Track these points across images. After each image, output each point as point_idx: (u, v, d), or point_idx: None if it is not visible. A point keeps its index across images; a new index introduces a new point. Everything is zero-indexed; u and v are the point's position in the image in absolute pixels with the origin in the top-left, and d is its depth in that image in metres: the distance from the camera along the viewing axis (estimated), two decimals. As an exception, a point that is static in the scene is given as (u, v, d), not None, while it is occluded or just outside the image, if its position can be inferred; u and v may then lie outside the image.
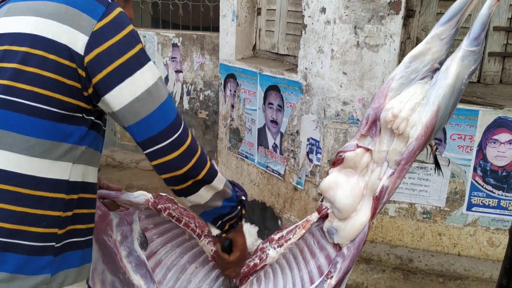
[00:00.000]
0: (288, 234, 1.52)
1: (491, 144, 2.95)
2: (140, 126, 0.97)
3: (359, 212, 1.36)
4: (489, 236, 3.09)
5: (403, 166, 1.30)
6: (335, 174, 1.42)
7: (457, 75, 1.25)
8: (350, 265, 1.34)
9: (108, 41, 0.92)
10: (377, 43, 2.93)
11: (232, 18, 4.00)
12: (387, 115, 1.30)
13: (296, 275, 1.49)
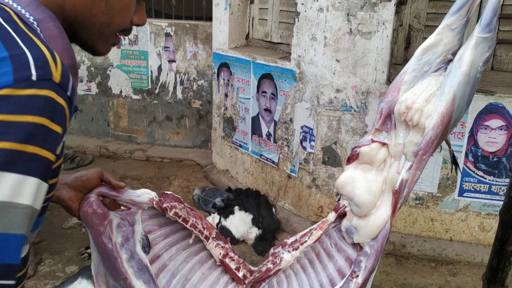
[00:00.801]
0: (303, 237, 1.45)
1: (482, 130, 2.98)
2: None
3: (380, 208, 1.32)
4: (480, 221, 3.14)
5: (421, 157, 1.28)
6: (351, 170, 1.38)
7: (471, 63, 1.24)
8: (375, 263, 1.30)
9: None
10: (369, 30, 2.94)
11: (225, 7, 3.99)
12: (401, 108, 1.29)
13: (314, 279, 1.42)
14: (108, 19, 0.87)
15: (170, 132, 5.13)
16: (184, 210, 1.44)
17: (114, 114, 5.20)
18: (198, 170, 4.71)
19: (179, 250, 1.49)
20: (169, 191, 1.47)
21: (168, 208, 1.40)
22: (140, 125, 5.18)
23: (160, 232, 1.47)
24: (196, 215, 1.47)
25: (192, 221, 1.45)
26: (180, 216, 1.43)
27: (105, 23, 0.87)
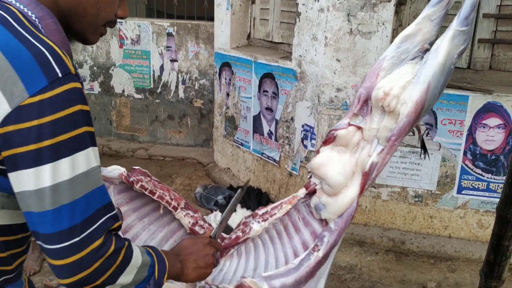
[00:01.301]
0: (273, 209, 1.52)
1: (480, 128, 3.03)
2: (32, 217, 0.86)
3: (349, 188, 1.39)
4: (478, 218, 3.19)
5: (393, 142, 1.35)
6: (327, 152, 1.44)
7: (447, 54, 1.29)
8: (338, 239, 1.37)
9: (30, 121, 0.81)
10: (369, 30, 2.99)
11: (226, 7, 4.04)
12: (379, 93, 1.35)
13: (279, 249, 1.49)
14: (96, 11, 0.99)
15: (172, 131, 5.18)
16: (151, 183, 1.52)
17: (117, 113, 5.25)
18: (200, 168, 4.76)
19: (151, 221, 1.57)
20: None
21: (134, 181, 1.48)
22: (143, 124, 5.23)
23: (132, 204, 1.56)
24: (164, 187, 1.55)
25: (159, 193, 1.52)
26: (147, 188, 1.50)
27: (94, 15, 0.99)
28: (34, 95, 0.81)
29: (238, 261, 1.51)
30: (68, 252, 0.87)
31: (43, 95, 0.82)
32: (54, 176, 0.84)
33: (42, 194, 0.84)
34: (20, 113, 0.81)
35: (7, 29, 0.85)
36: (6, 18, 0.88)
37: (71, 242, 0.86)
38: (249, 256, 1.51)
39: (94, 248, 0.88)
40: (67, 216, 0.86)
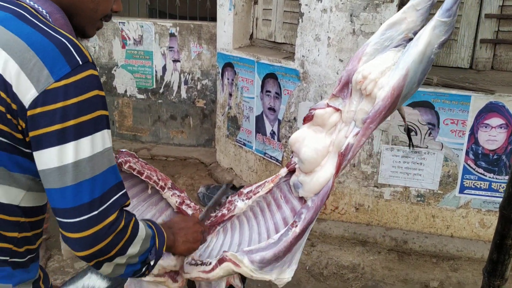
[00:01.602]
0: (257, 188, 1.58)
1: (482, 128, 3.05)
2: (55, 194, 0.93)
3: (324, 167, 1.43)
4: (480, 217, 3.20)
5: (368, 125, 1.37)
6: (304, 130, 1.49)
7: (427, 43, 1.31)
8: (314, 216, 1.42)
9: (55, 103, 0.89)
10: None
11: (229, 8, 4.06)
12: (358, 77, 1.38)
13: (262, 225, 1.55)
14: (95, 6, 1.06)
15: (175, 131, 5.20)
16: (139, 164, 1.56)
17: (119, 113, 5.27)
18: (202, 168, 4.78)
19: (140, 202, 1.62)
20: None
21: (123, 162, 1.51)
22: (145, 124, 5.25)
23: None
24: (151, 168, 1.59)
25: (147, 173, 1.56)
26: (135, 169, 1.54)
27: (93, 9, 1.07)
28: (59, 80, 0.89)
29: (224, 237, 1.57)
30: (86, 225, 0.93)
31: (67, 80, 0.90)
32: (76, 154, 0.92)
33: (65, 170, 0.92)
34: (46, 96, 0.89)
35: (26, 23, 0.93)
36: (22, 13, 0.95)
37: (90, 215, 0.93)
38: (234, 233, 1.57)
39: (110, 222, 0.96)
40: (87, 190, 0.93)
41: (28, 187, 1.01)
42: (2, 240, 1.02)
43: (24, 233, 1.05)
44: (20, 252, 1.05)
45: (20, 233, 1.04)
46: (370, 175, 3.29)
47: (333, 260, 3.18)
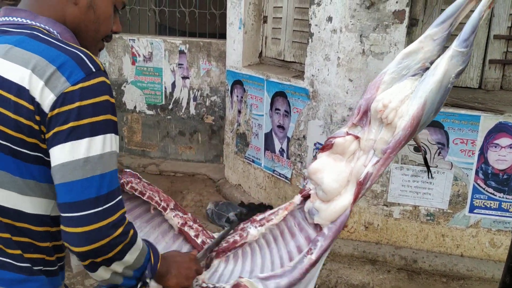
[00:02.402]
0: (270, 215, 1.57)
1: (492, 148, 3.06)
2: (63, 188, 0.97)
3: (342, 196, 1.43)
4: (490, 237, 3.19)
5: (388, 155, 1.39)
6: (324, 159, 1.48)
7: (444, 73, 1.33)
8: (330, 244, 1.42)
9: (72, 104, 0.95)
10: (382, 51, 3.04)
11: (239, 26, 4.11)
12: (378, 105, 1.39)
13: (275, 254, 1.54)
14: (96, 27, 1.14)
15: (183, 147, 5.23)
16: (141, 184, 1.56)
17: (128, 128, 5.32)
18: (211, 184, 4.79)
19: (142, 223, 1.61)
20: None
21: (125, 183, 1.52)
22: (154, 140, 5.29)
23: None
24: (153, 189, 1.59)
25: (149, 194, 1.56)
26: (137, 189, 1.54)
27: (94, 30, 1.14)
28: (75, 84, 0.96)
29: (235, 263, 1.56)
30: (89, 220, 0.96)
31: (83, 84, 0.96)
32: (88, 150, 0.96)
33: (76, 165, 0.96)
34: (64, 98, 0.95)
35: (42, 42, 1.00)
36: (36, 34, 1.02)
37: (95, 210, 0.96)
38: (246, 260, 1.56)
39: (112, 220, 0.98)
40: (95, 186, 0.97)
41: (55, 196, 1.04)
42: (36, 251, 1.05)
43: (55, 242, 1.09)
44: (52, 260, 1.09)
45: (51, 242, 1.08)
46: (380, 193, 3.30)
47: (342, 278, 3.18)
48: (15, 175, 1.00)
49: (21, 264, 1.04)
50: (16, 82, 0.96)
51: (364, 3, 2.99)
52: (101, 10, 1.13)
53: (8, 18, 1.08)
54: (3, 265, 1.02)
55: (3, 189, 1.00)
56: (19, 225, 1.02)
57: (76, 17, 1.10)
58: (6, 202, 1.01)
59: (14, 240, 1.03)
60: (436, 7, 3.20)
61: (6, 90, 0.97)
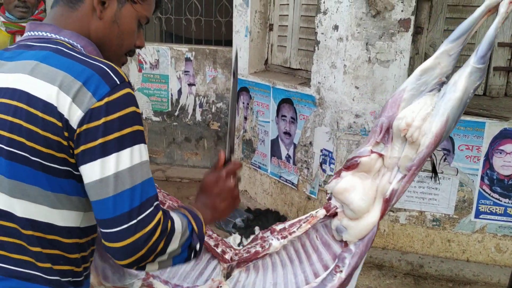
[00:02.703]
0: (291, 227, 1.58)
1: (497, 154, 3.09)
2: (97, 205, 0.99)
3: (370, 213, 1.46)
4: (496, 242, 3.22)
5: (413, 172, 1.43)
6: (350, 178, 1.50)
7: (465, 89, 1.38)
8: (359, 262, 1.44)
9: (99, 120, 0.96)
10: (387, 58, 3.09)
11: (245, 34, 4.16)
12: (401, 124, 1.43)
13: (297, 266, 1.56)
14: (120, 42, 1.15)
15: (189, 153, 5.28)
16: (161, 194, 1.59)
17: (135, 135, 5.36)
18: (217, 190, 4.82)
19: None
20: None
21: None
22: (160, 146, 5.33)
23: None
24: (172, 199, 1.62)
25: (169, 204, 1.59)
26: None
27: (118, 45, 1.16)
28: (101, 99, 0.97)
29: (256, 275, 1.58)
30: (126, 235, 0.98)
31: (108, 98, 0.97)
32: (117, 165, 0.97)
33: (106, 182, 0.97)
34: (91, 115, 0.96)
35: (67, 57, 1.02)
36: (60, 49, 1.04)
37: (129, 224, 0.98)
38: (267, 271, 1.58)
39: (148, 231, 0.99)
40: (127, 200, 0.98)
41: (84, 209, 1.07)
42: (66, 263, 1.08)
43: (83, 253, 1.11)
44: (79, 271, 1.11)
45: (80, 254, 1.10)
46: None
47: (349, 284, 3.21)
48: (46, 189, 1.01)
49: (51, 277, 1.06)
50: (44, 99, 0.98)
51: (370, 12, 3.04)
52: (125, 25, 1.14)
53: (33, 32, 1.11)
54: (33, 279, 1.04)
55: (35, 204, 1.02)
56: (50, 237, 1.04)
57: (100, 31, 1.12)
58: (38, 216, 1.03)
59: (45, 253, 1.04)
60: (441, 15, 3.25)
61: (34, 107, 0.99)
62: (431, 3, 3.23)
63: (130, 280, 1.50)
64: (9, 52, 1.10)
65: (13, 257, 1.03)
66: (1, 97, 1.03)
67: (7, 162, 1.00)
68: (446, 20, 3.27)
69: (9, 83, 1.03)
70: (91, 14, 1.11)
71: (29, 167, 1.00)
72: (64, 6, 1.12)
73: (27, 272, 1.04)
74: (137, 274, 1.50)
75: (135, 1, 1.14)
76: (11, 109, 1.00)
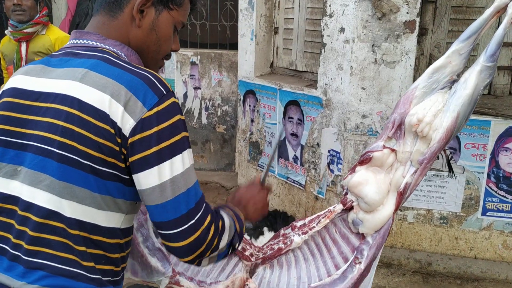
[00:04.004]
0: (311, 222, 1.65)
1: (503, 152, 3.14)
2: (156, 209, 1.05)
3: (385, 206, 1.52)
4: (503, 239, 3.27)
5: (425, 165, 1.48)
6: (363, 172, 1.57)
7: (475, 87, 1.43)
8: (377, 253, 1.50)
9: (151, 129, 1.01)
10: (393, 60, 3.14)
11: (251, 38, 4.22)
12: (412, 120, 1.48)
13: (319, 260, 1.62)
14: (157, 48, 1.20)
15: (195, 156, 5.32)
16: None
17: (141, 139, 5.40)
18: (224, 192, 4.88)
19: None
20: None
21: None
22: (166, 150, 5.37)
23: None
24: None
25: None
26: None
27: (155, 51, 1.20)
28: (151, 109, 1.02)
29: (280, 270, 1.65)
30: (187, 234, 1.06)
31: (157, 108, 1.03)
32: (172, 170, 1.04)
33: (164, 187, 1.04)
34: (143, 124, 1.02)
35: (114, 66, 1.07)
36: (107, 57, 1.09)
37: (189, 224, 1.06)
38: (290, 266, 1.64)
39: (205, 227, 1.08)
40: (184, 202, 1.05)
41: (127, 211, 1.13)
42: (108, 262, 1.12)
43: (122, 253, 1.16)
44: (118, 271, 1.17)
45: (120, 254, 1.15)
46: (394, 198, 3.38)
47: (359, 282, 3.25)
48: (94, 191, 1.06)
49: (93, 276, 1.10)
50: (95, 106, 1.02)
51: (375, 14, 3.10)
52: (163, 31, 1.19)
53: (79, 40, 1.16)
54: (77, 277, 1.08)
55: (83, 205, 1.06)
56: (95, 238, 1.09)
57: (139, 39, 1.17)
58: (85, 217, 1.07)
59: (89, 252, 1.09)
60: (445, 17, 3.30)
61: (86, 113, 1.03)
62: (435, 4, 3.29)
63: (157, 278, 1.55)
64: (56, 59, 1.15)
65: (60, 255, 1.07)
66: (51, 102, 1.07)
67: (58, 165, 1.05)
68: (450, 21, 3.32)
69: (59, 89, 1.07)
70: (130, 23, 1.16)
71: (79, 170, 1.04)
72: (105, 15, 1.17)
73: (72, 271, 1.08)
74: (165, 272, 1.56)
75: (171, 8, 1.19)
76: (63, 114, 1.04)
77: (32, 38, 3.38)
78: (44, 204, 1.06)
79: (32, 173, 1.07)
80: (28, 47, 3.41)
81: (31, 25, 3.33)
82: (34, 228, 1.06)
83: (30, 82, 1.12)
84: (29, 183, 1.07)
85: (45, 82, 1.10)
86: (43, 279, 1.06)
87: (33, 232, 1.07)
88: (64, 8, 5.56)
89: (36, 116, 1.08)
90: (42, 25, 3.40)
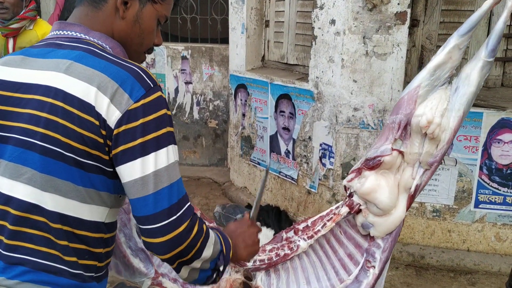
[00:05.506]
0: (314, 225, 1.62)
1: (495, 144, 3.12)
2: (138, 202, 1.03)
3: (397, 209, 1.51)
4: (496, 231, 3.26)
5: (435, 167, 1.48)
6: (374, 178, 1.54)
7: (478, 83, 1.43)
8: (389, 256, 1.49)
9: (136, 121, 1.00)
10: (385, 51, 3.11)
11: (241, 31, 4.17)
12: (422, 121, 1.46)
13: (325, 261, 1.61)
14: (141, 40, 1.19)
15: (187, 151, 5.28)
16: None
17: (132, 135, 5.36)
18: (216, 187, 4.84)
19: None
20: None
21: None
22: (158, 145, 5.33)
23: None
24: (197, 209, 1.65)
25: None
26: None
27: (139, 43, 1.19)
28: (137, 101, 1.01)
29: (288, 275, 1.63)
30: (167, 230, 1.03)
31: (144, 100, 1.02)
32: (156, 163, 1.02)
33: (147, 180, 1.02)
34: (129, 116, 1.00)
35: (99, 58, 1.05)
36: (92, 49, 1.07)
37: (170, 220, 1.03)
38: (297, 270, 1.63)
39: (187, 225, 1.05)
40: (166, 197, 1.03)
41: (111, 204, 1.10)
42: (91, 257, 1.10)
43: (107, 248, 1.14)
44: (102, 266, 1.14)
45: (104, 249, 1.13)
46: (386, 191, 3.35)
47: (352, 276, 3.23)
48: (78, 184, 1.04)
49: (75, 271, 1.08)
50: (80, 98, 1.01)
51: (366, 6, 3.06)
52: (146, 24, 1.17)
53: (62, 32, 1.13)
54: (59, 272, 1.06)
55: (66, 198, 1.04)
56: (78, 232, 1.07)
57: (122, 31, 1.15)
58: (68, 210, 1.05)
59: (72, 247, 1.07)
60: (437, 8, 3.27)
61: (70, 104, 1.01)
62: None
63: (140, 278, 1.53)
64: (37, 49, 1.12)
65: (41, 250, 1.05)
66: (33, 93, 1.04)
67: (41, 157, 1.03)
68: (442, 12, 3.29)
69: (41, 80, 1.05)
70: (114, 14, 1.14)
71: (62, 163, 1.02)
72: (89, 6, 1.15)
73: (54, 266, 1.06)
74: (147, 273, 1.54)
75: (155, 1, 1.18)
76: (47, 106, 1.02)
77: (19, 33, 3.33)
78: (24, 198, 1.04)
79: (12, 166, 1.05)
80: (15, 42, 3.35)
81: (17, 21, 3.27)
82: (14, 222, 1.05)
83: (9, 73, 1.10)
84: (9, 176, 1.05)
85: (26, 73, 1.08)
86: (23, 274, 1.05)
87: (12, 226, 1.05)
88: (53, 2, 5.48)
89: (17, 107, 1.06)
90: (29, 20, 3.34)
